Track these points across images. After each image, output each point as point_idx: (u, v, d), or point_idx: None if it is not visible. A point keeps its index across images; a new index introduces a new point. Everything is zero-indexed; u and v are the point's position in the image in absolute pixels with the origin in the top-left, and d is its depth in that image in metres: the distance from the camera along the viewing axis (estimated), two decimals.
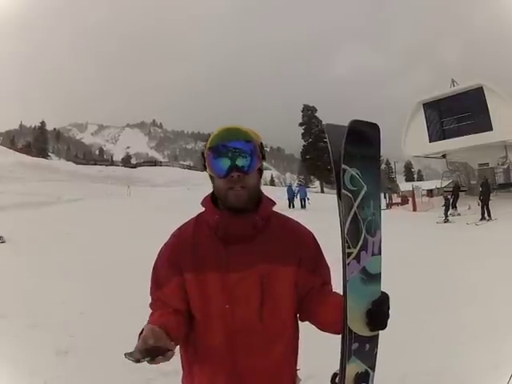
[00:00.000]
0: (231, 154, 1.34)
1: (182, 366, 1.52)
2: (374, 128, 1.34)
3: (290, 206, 22.64)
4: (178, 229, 1.53)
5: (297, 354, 1.55)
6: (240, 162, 1.35)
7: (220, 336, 1.39)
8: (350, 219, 1.30)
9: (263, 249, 1.41)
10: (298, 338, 1.55)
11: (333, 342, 1.49)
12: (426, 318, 4.98)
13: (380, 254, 1.38)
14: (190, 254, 1.42)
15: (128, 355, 1.12)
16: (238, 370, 1.39)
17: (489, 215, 16.84)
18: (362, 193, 1.32)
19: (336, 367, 1.37)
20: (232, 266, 1.38)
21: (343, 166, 1.27)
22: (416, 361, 3.84)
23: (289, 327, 1.48)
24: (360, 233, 1.32)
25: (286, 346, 1.47)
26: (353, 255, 1.31)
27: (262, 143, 1.44)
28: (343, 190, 1.29)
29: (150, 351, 1.14)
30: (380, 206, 1.41)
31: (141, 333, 1.24)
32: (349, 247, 1.30)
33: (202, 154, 1.42)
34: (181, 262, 1.42)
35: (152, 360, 1.13)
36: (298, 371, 1.55)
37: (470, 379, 3.44)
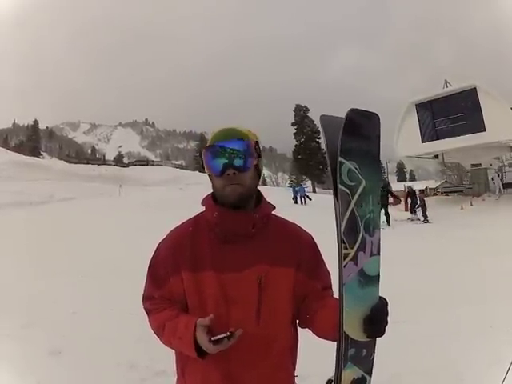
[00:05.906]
0: (226, 153, 1.37)
1: (177, 367, 1.50)
2: (374, 118, 1.25)
3: (295, 202, 25.61)
4: (176, 227, 1.53)
5: (295, 358, 1.52)
6: (234, 160, 1.37)
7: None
8: (346, 217, 1.21)
9: (262, 249, 1.40)
10: (296, 342, 1.52)
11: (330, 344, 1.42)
12: (419, 316, 4.93)
13: (379, 254, 1.30)
14: (188, 252, 1.42)
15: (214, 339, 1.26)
16: (233, 371, 1.37)
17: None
18: (361, 188, 1.23)
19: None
20: (229, 266, 1.37)
21: (340, 158, 1.17)
22: (410, 360, 3.79)
23: (286, 330, 1.45)
24: (358, 232, 1.23)
25: (283, 348, 1.45)
26: (350, 256, 1.22)
27: (257, 141, 1.46)
28: (340, 186, 1.19)
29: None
30: (379, 203, 1.32)
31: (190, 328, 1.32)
32: (345, 248, 1.22)
33: (200, 154, 1.44)
34: (179, 261, 1.42)
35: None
36: (296, 377, 1.51)
37: (464, 378, 3.41)
